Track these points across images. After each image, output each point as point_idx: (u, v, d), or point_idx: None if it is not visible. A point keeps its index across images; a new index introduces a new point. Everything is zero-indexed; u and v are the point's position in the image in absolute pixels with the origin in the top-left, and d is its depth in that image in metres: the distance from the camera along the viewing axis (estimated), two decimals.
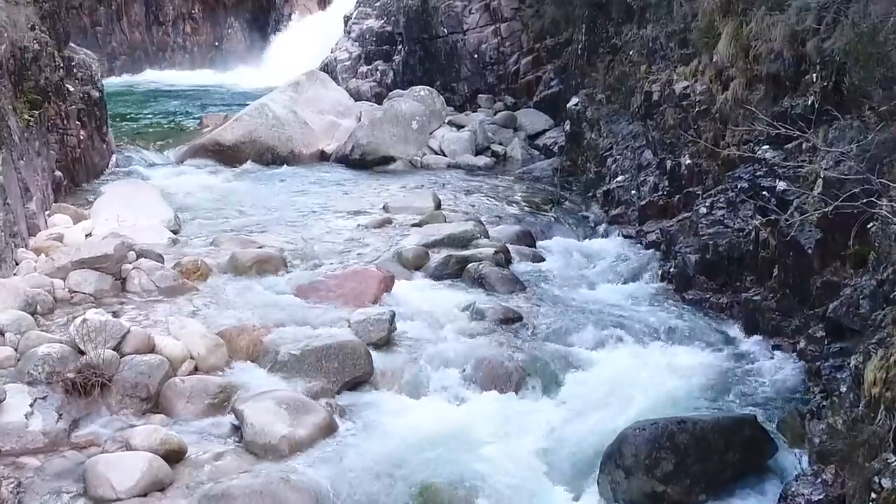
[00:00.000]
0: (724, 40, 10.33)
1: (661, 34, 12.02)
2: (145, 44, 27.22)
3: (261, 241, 9.94)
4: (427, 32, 18.32)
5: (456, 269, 9.34)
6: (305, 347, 7.26)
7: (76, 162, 12.32)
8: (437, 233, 10.05)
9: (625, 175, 11.59)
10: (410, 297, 8.71)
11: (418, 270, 9.44)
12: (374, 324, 7.76)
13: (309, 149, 14.83)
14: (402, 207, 11.33)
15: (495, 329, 8.04)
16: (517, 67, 17.38)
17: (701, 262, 8.93)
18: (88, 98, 12.94)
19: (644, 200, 10.87)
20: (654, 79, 11.70)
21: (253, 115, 14.68)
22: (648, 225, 10.57)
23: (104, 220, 9.96)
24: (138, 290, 8.45)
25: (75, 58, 12.98)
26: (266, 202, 12.04)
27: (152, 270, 8.56)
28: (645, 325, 8.26)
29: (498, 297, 8.79)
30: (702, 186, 10.05)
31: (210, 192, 12.46)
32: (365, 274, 8.83)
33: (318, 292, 8.62)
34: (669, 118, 11.07)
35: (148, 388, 6.73)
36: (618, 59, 13.30)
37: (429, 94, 15.53)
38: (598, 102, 13.60)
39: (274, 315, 8.07)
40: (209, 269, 9.02)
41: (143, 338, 7.05)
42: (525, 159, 14.73)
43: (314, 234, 10.47)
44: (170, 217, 10.25)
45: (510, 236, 10.47)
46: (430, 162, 14.49)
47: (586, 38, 14.63)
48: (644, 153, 11.53)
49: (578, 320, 8.29)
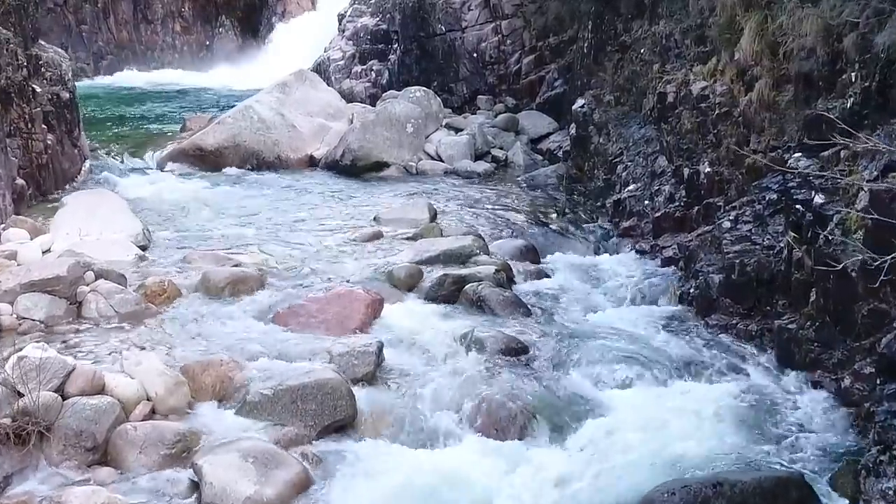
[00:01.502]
0: (747, 36, 9.42)
1: (675, 31, 11.11)
2: (133, 43, 26.26)
3: (237, 258, 9.01)
4: (424, 30, 17.40)
5: (452, 290, 8.41)
6: (279, 387, 6.32)
7: (42, 169, 11.39)
8: (432, 248, 9.12)
9: (637, 183, 10.66)
10: (401, 323, 7.78)
11: (411, 291, 8.51)
12: (358, 357, 6.84)
13: (296, 154, 13.89)
14: (395, 219, 10.40)
15: (496, 362, 7.10)
16: (518, 67, 16.44)
17: (726, 282, 7.99)
18: (57, 99, 12.02)
19: (659, 212, 9.95)
20: (668, 79, 10.79)
21: (237, 118, 13.75)
22: (664, 239, 9.63)
23: (65, 235, 9.03)
24: (95, 315, 7.53)
25: (43, 56, 12.06)
26: (247, 212, 11.11)
27: (111, 294, 7.64)
28: (665, 356, 7.33)
29: (499, 323, 7.86)
30: (724, 197, 9.13)
31: (187, 200, 11.54)
32: (350, 297, 7.90)
33: (297, 318, 7.69)
34: (686, 121, 10.15)
35: (94, 436, 5.79)
36: (627, 58, 12.39)
37: (425, 96, 14.58)
38: (606, 104, 12.68)
39: (246, 346, 7.15)
40: (177, 291, 8.09)
41: (91, 376, 6.11)
42: (527, 165, 13.79)
43: (297, 249, 9.54)
44: (138, 230, 9.32)
45: (512, 251, 9.54)
46: (426, 168, 13.55)
47: (593, 35, 13.71)
48: (658, 160, 10.61)
49: (590, 351, 7.35)
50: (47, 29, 23.49)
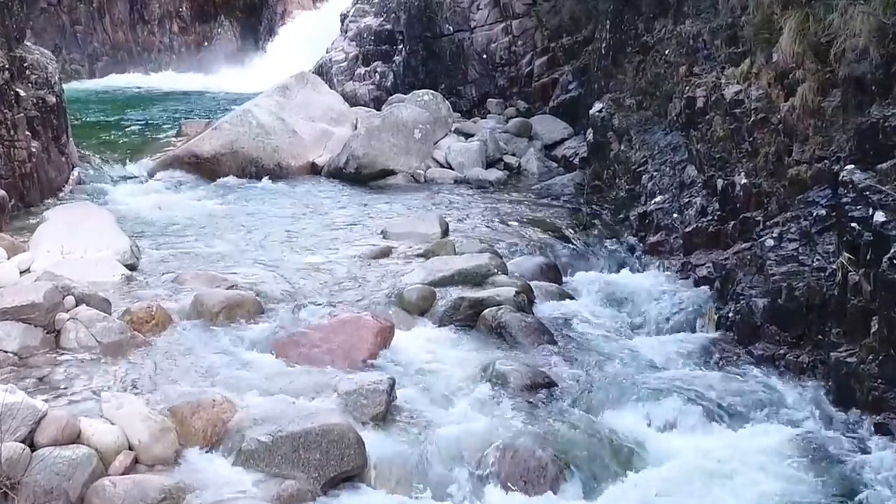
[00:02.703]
0: (787, 36, 8.65)
1: (703, 30, 10.35)
2: (129, 44, 25.54)
3: (233, 278, 8.26)
4: (430, 30, 16.65)
5: (469, 315, 7.68)
6: (279, 433, 5.58)
7: (26, 179, 10.65)
8: (446, 267, 8.37)
9: (664, 195, 9.91)
10: (414, 353, 7.04)
11: (423, 315, 7.77)
12: (368, 395, 6.09)
13: (298, 161, 13.15)
14: (404, 234, 9.65)
15: (522, 400, 6.36)
16: (531, 69, 15.68)
17: (771, 308, 7.25)
18: (43, 104, 11.28)
19: (689, 226, 9.20)
20: (696, 82, 10.03)
21: (235, 123, 13.00)
22: (696, 257, 8.89)
23: (45, 253, 8.28)
24: (75, 346, 6.77)
25: (28, 58, 11.32)
26: (245, 225, 10.37)
27: (93, 322, 6.88)
28: (708, 392, 6.58)
29: (522, 352, 7.13)
30: (763, 212, 8.39)
31: (181, 212, 10.80)
32: (358, 324, 7.15)
33: (299, 348, 6.95)
34: (718, 128, 9.40)
35: (67, 494, 5.05)
36: (650, 60, 11.64)
37: (433, 99, 13.83)
38: (626, 108, 11.93)
39: (242, 381, 6.41)
40: (167, 317, 7.34)
41: (64, 424, 5.36)
42: (542, 172, 13.05)
43: (298, 268, 8.79)
44: (125, 248, 8.57)
45: (532, 270, 8.79)
46: (435, 176, 12.79)
47: (611, 35, 12.96)
48: (686, 169, 9.86)
49: (625, 387, 6.60)
50: (40, 29, 22.87)
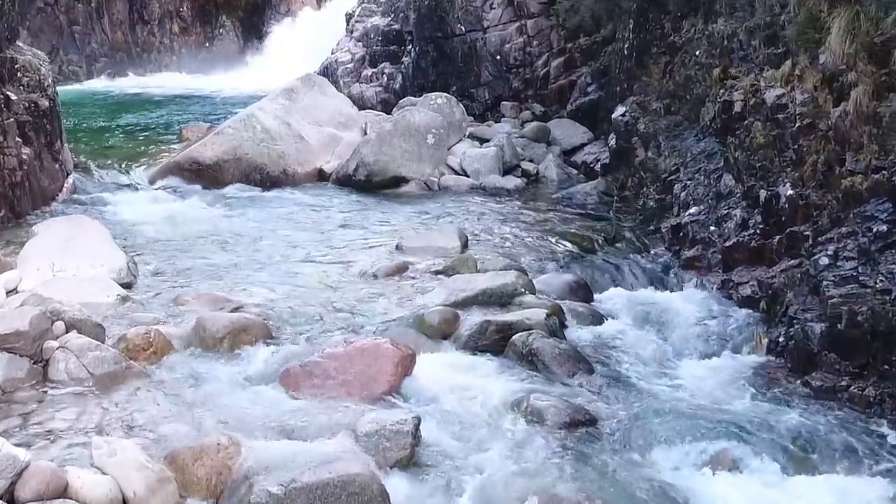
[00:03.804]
0: (837, 36, 7.99)
1: (739, 30, 9.70)
2: (128, 44, 24.89)
3: (238, 298, 7.63)
4: (441, 30, 16.01)
5: (496, 340, 7.02)
6: (292, 484, 4.91)
7: (17, 188, 10.02)
8: (469, 286, 7.72)
9: (699, 206, 9.25)
10: (437, 384, 6.38)
11: (446, 340, 7.13)
12: (391, 437, 5.45)
13: (304, 167, 12.51)
14: (421, 248, 9.00)
15: (560, 440, 5.71)
16: (546, 70, 15.04)
17: (829, 334, 6.60)
18: (35, 108, 10.63)
19: (729, 240, 8.54)
20: (733, 85, 9.38)
21: (238, 128, 12.35)
22: (738, 273, 8.23)
23: (35, 271, 7.65)
24: (65, 378, 6.14)
25: (20, 60, 10.68)
26: (250, 238, 9.72)
27: (84, 351, 6.24)
28: (764, 429, 5.92)
29: (557, 383, 6.48)
30: (812, 226, 7.72)
31: (181, 223, 10.15)
32: (376, 351, 6.50)
33: (312, 379, 6.31)
34: (758, 135, 8.74)
35: None
36: (679, 61, 10.99)
37: (447, 103, 13.17)
38: (652, 112, 11.29)
39: (250, 419, 5.77)
40: (166, 344, 6.70)
41: (49, 476, 4.72)
42: (561, 180, 12.40)
43: (308, 286, 8.15)
44: (121, 265, 7.92)
45: (561, 289, 8.14)
46: (450, 184, 12.14)
47: (635, 35, 12.31)
48: (723, 178, 9.21)
49: (674, 423, 5.95)
50: (37, 30, 22.25)
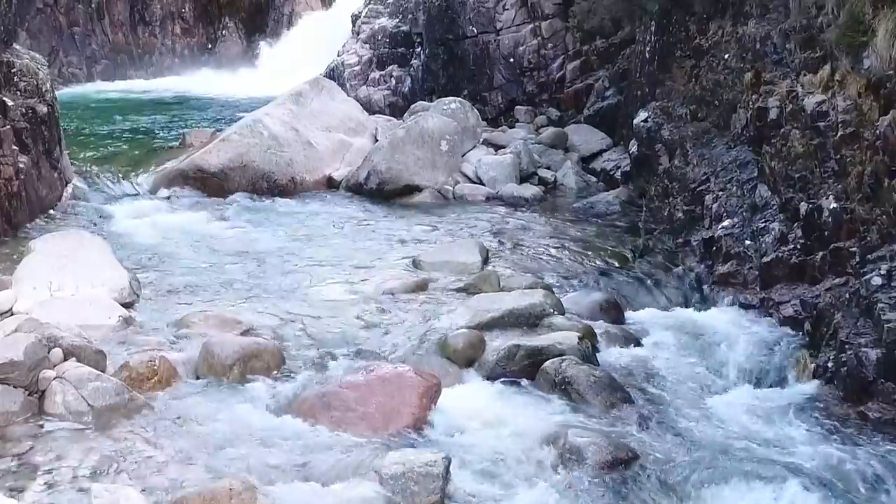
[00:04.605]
0: (884, 39, 7.52)
1: (773, 32, 9.22)
2: (129, 46, 24.39)
3: (247, 319, 7.15)
4: (452, 32, 15.54)
5: (525, 366, 6.55)
6: None
7: (13, 198, 9.54)
8: (494, 307, 7.23)
9: (732, 218, 8.77)
10: (464, 416, 5.92)
11: (471, 367, 6.65)
12: (419, 480, 4.98)
13: (313, 175, 12.03)
14: (439, 263, 8.52)
15: (603, 482, 5.22)
16: (562, 73, 14.58)
17: (887, 361, 6.12)
18: (33, 114, 10.16)
19: (767, 256, 8.05)
20: (767, 90, 8.91)
21: (244, 135, 11.87)
22: (779, 292, 7.74)
23: (31, 290, 7.17)
24: (62, 411, 5.66)
25: (17, 63, 10.21)
26: (258, 251, 9.23)
27: (83, 381, 5.76)
28: (820, 467, 5.46)
29: (594, 415, 6.00)
30: (859, 242, 7.23)
31: (185, 236, 9.67)
32: (399, 381, 6.04)
33: (330, 411, 5.84)
34: (796, 144, 8.26)
35: None
36: (706, 65, 10.51)
37: (461, 108, 12.69)
38: (677, 119, 10.81)
39: (264, 458, 5.31)
40: (172, 371, 6.23)
41: None
42: (580, 188, 11.94)
43: (322, 305, 7.68)
44: (123, 284, 7.44)
45: (591, 308, 7.66)
46: (465, 192, 11.66)
47: (657, 38, 11.84)
48: (758, 189, 8.72)
49: (721, 462, 5.47)
50: (36, 31, 21.75)
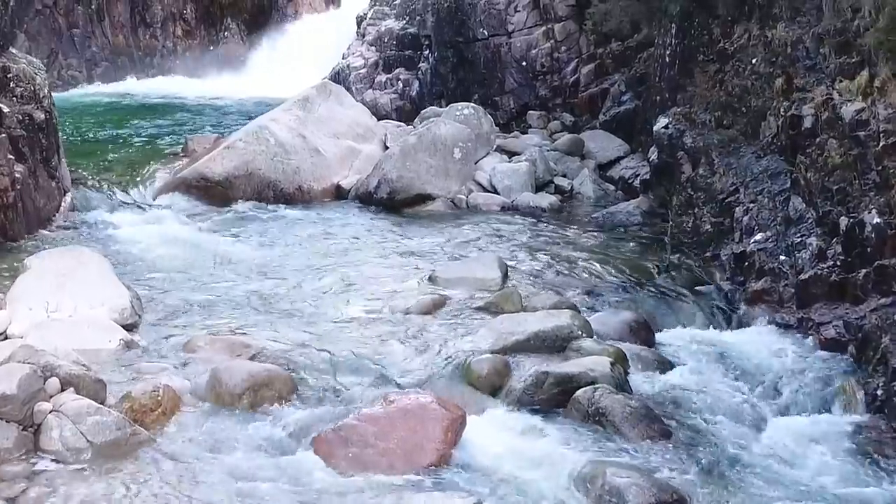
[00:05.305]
0: None
1: (805, 36, 8.79)
2: (130, 48, 23.94)
3: (256, 342, 6.72)
4: (462, 35, 15.11)
5: (555, 395, 6.13)
6: None
7: (9, 210, 9.12)
8: (519, 329, 6.81)
9: (765, 232, 8.34)
10: (491, 451, 5.50)
11: (496, 395, 6.23)
12: None
13: (321, 183, 11.61)
14: (457, 279, 8.09)
15: None
16: (576, 77, 14.14)
17: None
18: (30, 121, 9.72)
19: (804, 273, 7.62)
20: (801, 97, 8.48)
21: (250, 142, 11.44)
22: (818, 312, 7.31)
23: (26, 311, 6.76)
24: (59, 448, 5.24)
25: (13, 68, 9.77)
26: (265, 266, 8.80)
27: (82, 415, 5.34)
28: None
29: (631, 450, 5.57)
30: None
31: (189, 249, 9.22)
32: (421, 413, 5.61)
33: (348, 447, 5.41)
34: (834, 154, 7.83)
35: None
36: (731, 69, 10.07)
37: (474, 114, 12.26)
38: (700, 125, 10.36)
39: (277, 499, 4.89)
40: (177, 401, 5.81)
41: None
42: (598, 197, 11.51)
43: (333, 326, 7.24)
44: (124, 304, 7.02)
45: (619, 329, 7.22)
46: (479, 202, 11.23)
47: (678, 40, 11.41)
48: (791, 201, 8.29)
49: None
50: (35, 33, 21.33)
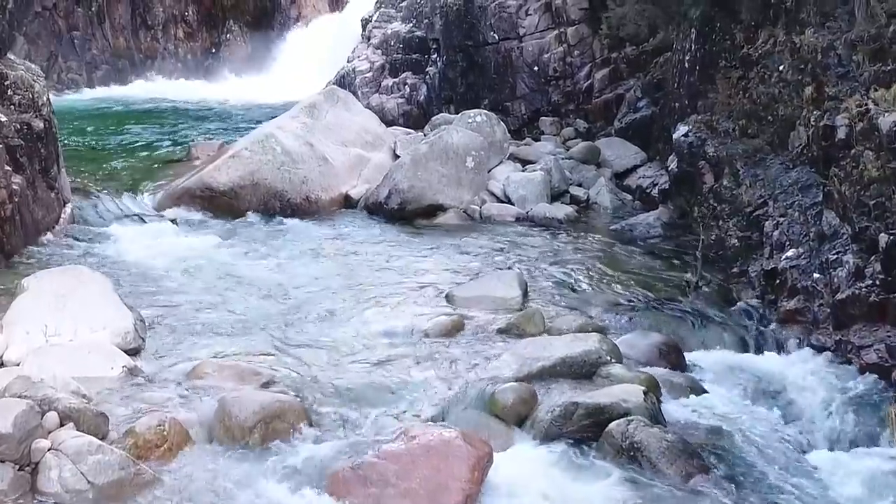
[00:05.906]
0: None
1: (836, 42, 8.43)
2: (131, 51, 23.61)
3: (266, 369, 6.36)
4: (472, 38, 14.73)
5: (585, 426, 5.76)
6: None
7: (6, 223, 8.76)
8: (544, 353, 6.44)
9: (797, 248, 7.98)
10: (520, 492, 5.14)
11: (521, 427, 5.87)
12: None
13: (329, 193, 11.24)
14: (475, 298, 7.72)
15: None
16: (590, 83, 13.76)
17: None
18: (28, 131, 9.36)
19: (841, 292, 7.24)
20: (834, 107, 8.11)
21: (256, 151, 11.07)
22: (858, 334, 6.93)
23: (24, 335, 6.40)
24: (58, 490, 4.89)
25: (10, 75, 9.42)
26: (272, 283, 8.43)
27: (83, 454, 4.98)
28: None
29: (670, 489, 5.20)
30: None
31: (193, 264, 8.85)
32: (445, 449, 5.24)
33: (367, 488, 5.05)
34: (870, 167, 7.45)
35: None
36: (756, 76, 9.71)
37: (487, 121, 11.89)
38: (722, 134, 10.01)
39: None
40: (184, 435, 5.45)
41: None
42: (615, 207, 11.14)
43: (348, 349, 6.87)
44: (126, 326, 6.65)
45: (649, 353, 6.86)
46: (493, 213, 10.86)
47: (698, 46, 11.04)
48: (824, 216, 7.92)
49: None
50: (34, 36, 21.00)
